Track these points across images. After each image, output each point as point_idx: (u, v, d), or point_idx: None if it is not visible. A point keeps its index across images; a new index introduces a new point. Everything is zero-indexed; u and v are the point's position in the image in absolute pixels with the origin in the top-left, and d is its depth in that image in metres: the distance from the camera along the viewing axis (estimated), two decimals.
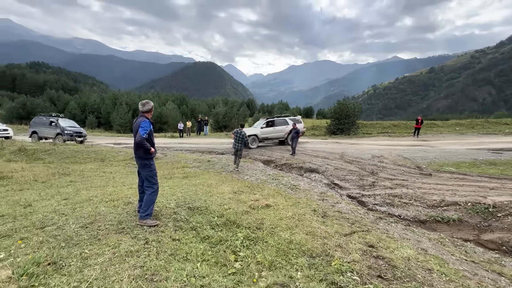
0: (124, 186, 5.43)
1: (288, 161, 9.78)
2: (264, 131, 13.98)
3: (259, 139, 13.89)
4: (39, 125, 16.50)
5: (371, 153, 12.00)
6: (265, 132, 14.04)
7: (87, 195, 4.40)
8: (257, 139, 13.83)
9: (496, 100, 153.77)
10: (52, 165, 9.25)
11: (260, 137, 13.88)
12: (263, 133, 13.92)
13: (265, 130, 14.03)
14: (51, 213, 3.41)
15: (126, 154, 11.00)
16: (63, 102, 40.89)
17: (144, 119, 3.29)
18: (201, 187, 5.49)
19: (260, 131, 13.90)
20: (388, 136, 17.34)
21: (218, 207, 4.12)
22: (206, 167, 8.91)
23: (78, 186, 5.50)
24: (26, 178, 6.19)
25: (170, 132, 27.78)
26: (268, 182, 6.76)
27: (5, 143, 13.10)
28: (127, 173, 7.68)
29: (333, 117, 18.37)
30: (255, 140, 13.78)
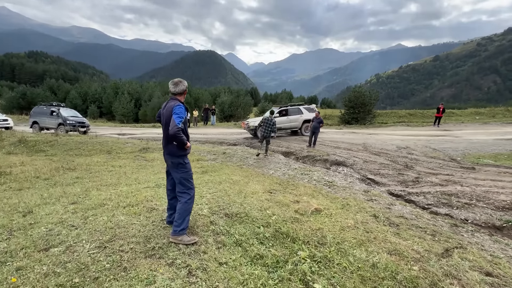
0: (140, 184, 4.69)
1: (310, 153, 9.01)
2: (277, 121, 13.15)
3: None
4: (40, 115, 15.72)
5: (395, 143, 11.20)
6: (278, 121, 13.16)
7: (99, 198, 3.66)
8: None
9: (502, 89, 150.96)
10: (55, 158, 8.53)
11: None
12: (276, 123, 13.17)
13: (278, 120, 13.15)
14: (57, 225, 2.67)
15: (134, 146, 10.26)
16: (64, 92, 39.95)
17: (177, 103, 2.49)
18: (228, 185, 4.74)
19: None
20: (406, 125, 16.46)
21: (259, 212, 3.38)
22: (222, 159, 8.15)
23: (86, 184, 4.77)
24: (26, 174, 5.46)
25: None
26: (298, 178, 6.01)
27: (5, 134, 12.36)
28: (137, 168, 6.95)
29: (348, 105, 17.42)
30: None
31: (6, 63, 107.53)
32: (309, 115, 13.58)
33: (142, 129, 19.47)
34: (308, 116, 13.57)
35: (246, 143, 12.10)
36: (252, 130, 12.82)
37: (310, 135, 10.25)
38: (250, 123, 12.88)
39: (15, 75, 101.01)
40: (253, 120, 13.36)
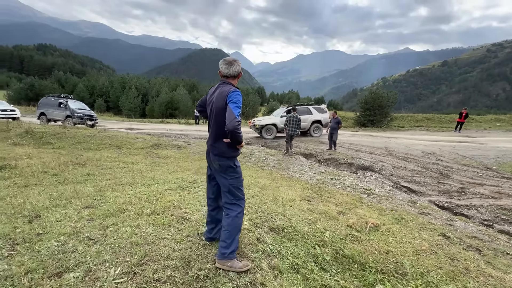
0: (159, 185, 4.16)
1: (332, 156, 8.42)
2: (283, 120, 12.63)
3: (277, 129, 12.46)
4: (48, 107, 15.34)
5: (418, 148, 10.56)
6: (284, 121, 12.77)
7: (117, 201, 3.13)
8: (275, 129, 12.39)
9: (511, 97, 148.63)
10: (63, 151, 8.06)
11: (279, 127, 12.41)
12: (283, 123, 12.58)
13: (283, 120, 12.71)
14: (71, 238, 2.14)
15: (144, 141, 9.76)
16: (71, 84, 39.80)
17: (232, 88, 1.92)
18: (258, 189, 4.19)
19: (280, 120, 12.38)
20: (425, 130, 15.74)
21: (308, 227, 2.83)
22: (241, 160, 7.60)
23: (99, 182, 4.25)
24: (33, 168, 4.97)
25: (181, 118, 26.53)
26: (329, 183, 5.43)
27: (12, 125, 11.97)
28: (151, 165, 6.43)
29: (364, 107, 16.76)
30: (272, 130, 12.36)
31: (15, 55, 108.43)
32: (319, 115, 12.95)
33: (150, 125, 19.03)
34: (317, 116, 12.91)
35: (260, 142, 11.54)
36: (258, 129, 12.40)
37: (329, 137, 9.65)
38: (256, 122, 12.43)
39: (23, 67, 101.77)
40: (260, 119, 12.86)
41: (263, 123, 12.34)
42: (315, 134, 12.96)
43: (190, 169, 5.99)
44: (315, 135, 12.91)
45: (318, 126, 13.01)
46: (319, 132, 13.08)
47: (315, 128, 12.99)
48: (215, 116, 1.95)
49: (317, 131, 13.08)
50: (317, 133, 13.05)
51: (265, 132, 12.24)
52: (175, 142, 9.82)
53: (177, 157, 7.64)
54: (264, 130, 12.24)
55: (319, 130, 13.09)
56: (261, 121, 12.41)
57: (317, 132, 13.07)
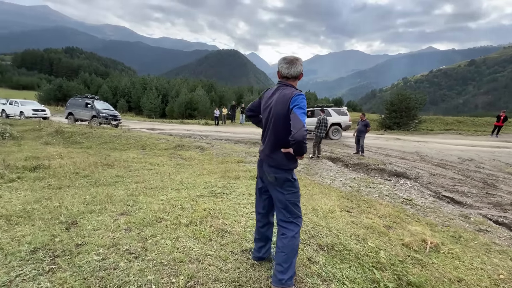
0: (189, 190, 4.02)
1: (361, 161, 7.98)
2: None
3: None
4: (75, 107, 15.94)
5: (453, 154, 9.84)
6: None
7: (150, 207, 3.00)
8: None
9: None
10: (90, 151, 8.23)
11: None
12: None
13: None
14: (110, 251, 2.00)
15: (168, 142, 9.79)
16: (96, 85, 41.49)
17: (296, 91, 1.69)
18: None
19: None
20: (458, 133, 14.76)
21: (358, 244, 2.54)
22: None
23: (129, 185, 4.18)
24: (65, 169, 5.01)
25: (200, 119, 26.77)
26: (364, 191, 5.07)
27: (43, 124, 12.51)
28: (176, 167, 6.36)
29: (389, 109, 15.98)
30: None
31: (46, 58, 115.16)
32: (338, 118, 12.45)
33: (171, 125, 19.30)
34: (337, 119, 12.43)
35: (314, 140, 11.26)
36: None
37: (356, 141, 9.20)
38: None
39: (52, 69, 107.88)
40: None
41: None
42: (334, 137, 12.53)
43: (216, 172, 5.84)
44: (334, 138, 12.49)
45: (337, 129, 12.57)
46: (338, 135, 12.63)
47: (334, 130, 12.56)
48: (274, 123, 1.72)
49: (336, 133, 12.63)
50: (336, 136, 12.61)
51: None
52: (198, 144, 9.77)
53: (201, 159, 7.55)
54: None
55: (338, 132, 12.65)
56: None
57: (336, 135, 12.61)
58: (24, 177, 4.40)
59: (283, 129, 1.65)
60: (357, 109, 62.05)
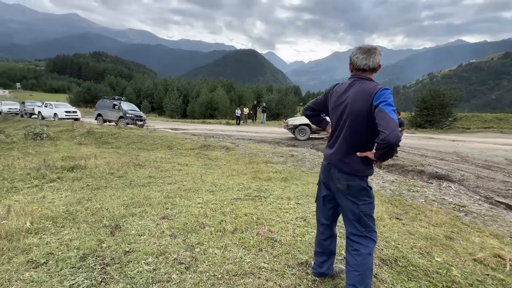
0: (223, 192, 3.89)
1: (396, 162, 7.48)
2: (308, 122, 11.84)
3: (311, 130, 11.79)
4: (104, 108, 16.59)
5: (498, 154, 8.99)
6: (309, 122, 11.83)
7: (190, 211, 2.90)
8: (308, 129, 11.73)
9: None
10: (120, 150, 8.44)
11: (313, 128, 11.72)
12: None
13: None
14: (160, 260, 1.89)
15: (193, 142, 9.83)
16: (121, 87, 43.25)
17: (378, 85, 1.46)
18: None
19: None
20: (499, 132, 13.58)
21: (424, 259, 2.25)
22: (294, 163, 7.13)
23: (163, 186, 4.14)
24: (100, 169, 5.10)
25: (220, 118, 26.95)
26: (407, 195, 4.68)
27: (75, 125, 13.13)
28: (205, 168, 6.30)
29: (420, 106, 15.02)
30: (305, 130, 11.74)
31: (75, 63, 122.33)
32: None
33: (193, 125, 19.57)
34: None
35: (307, 144, 10.93)
36: (292, 130, 11.97)
37: None
38: (290, 122, 11.99)
39: (81, 73, 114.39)
40: (294, 119, 12.39)
41: (296, 123, 11.87)
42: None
43: (246, 173, 5.69)
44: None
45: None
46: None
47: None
48: (350, 123, 1.49)
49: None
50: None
51: (298, 132, 11.79)
52: (222, 143, 9.72)
53: (227, 159, 7.46)
54: (297, 131, 11.79)
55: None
56: (294, 121, 11.98)
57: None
58: (63, 177, 4.51)
59: (363, 129, 1.43)
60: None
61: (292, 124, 11.83)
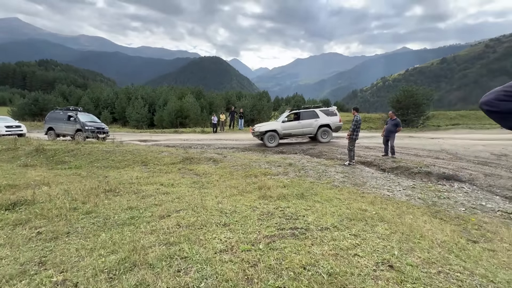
0: (242, 224, 2.89)
1: (399, 164, 7.12)
2: (286, 126, 11.19)
3: (279, 136, 11.13)
4: (56, 121, 14.21)
5: (480, 149, 9.26)
6: (287, 127, 11.18)
7: (216, 271, 1.87)
8: (276, 135, 11.06)
9: None
10: (82, 171, 6.83)
11: (281, 133, 11.10)
12: (284, 128, 11.15)
13: (287, 125, 11.20)
14: None
15: (172, 155, 8.52)
16: (76, 98, 38.93)
17: None
18: (384, 226, 2.91)
19: (281, 126, 11.12)
20: (468, 128, 14.45)
21: None
22: (295, 174, 6.33)
23: (152, 223, 3.00)
24: (57, 202, 3.72)
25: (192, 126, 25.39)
26: (442, 204, 4.14)
27: (19, 142, 10.81)
28: (197, 188, 5.18)
29: (395, 106, 15.47)
30: (274, 137, 11.04)
31: (18, 72, 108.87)
32: (327, 119, 11.39)
33: (164, 135, 17.83)
34: (325, 120, 11.36)
35: (296, 150, 10.25)
36: (259, 136, 11.19)
37: (384, 141, 8.39)
38: (256, 129, 11.19)
39: (26, 83, 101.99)
40: (260, 125, 11.57)
41: (263, 129, 11.06)
42: (323, 139, 11.38)
43: (251, 192, 4.72)
44: (323, 140, 11.39)
45: (327, 130, 11.47)
46: (328, 137, 11.47)
47: (322, 132, 11.41)
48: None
49: (326, 135, 11.47)
50: (326, 138, 11.45)
51: (267, 139, 11.00)
52: (207, 155, 8.57)
53: (219, 174, 6.39)
54: (266, 138, 10.99)
55: (328, 134, 11.49)
56: (260, 128, 11.14)
57: (325, 137, 11.43)
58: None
59: None
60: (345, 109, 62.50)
61: (259, 131, 11.02)
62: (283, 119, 11.29)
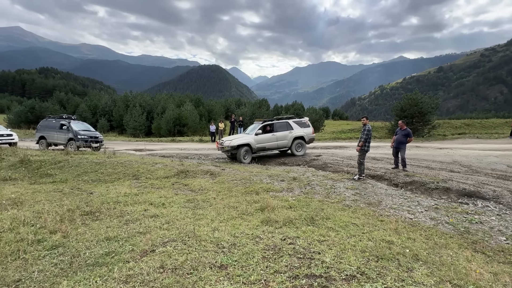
0: (239, 265, 2.30)
1: (413, 178, 6.53)
2: (260, 139, 10.02)
3: (252, 150, 9.99)
4: (48, 129, 13.64)
5: (493, 161, 8.72)
6: (261, 140, 10.04)
7: None
8: (250, 150, 9.92)
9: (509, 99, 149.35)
10: (65, 186, 6.21)
11: (254, 147, 9.96)
12: (258, 142, 10.01)
13: (261, 138, 10.04)
14: None
15: (166, 167, 7.91)
16: (73, 105, 38.41)
17: None
18: (423, 268, 2.31)
19: (255, 139, 9.95)
20: (476, 138, 13.96)
21: None
22: (301, 190, 5.72)
23: (131, 263, 2.39)
24: (20, 231, 3.10)
25: (190, 135, 24.85)
26: (477, 232, 3.54)
27: (6, 152, 10.19)
28: (191, 208, 4.58)
29: (400, 115, 15.00)
30: (247, 152, 9.88)
31: (17, 79, 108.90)
32: (301, 130, 10.57)
33: (161, 144, 17.24)
34: (300, 132, 10.54)
35: (299, 161, 9.66)
36: (228, 152, 9.89)
37: (394, 153, 7.82)
38: (225, 143, 9.83)
39: (25, 90, 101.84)
40: (230, 139, 10.33)
41: (235, 143, 9.71)
42: (298, 153, 10.53)
43: (252, 213, 4.12)
44: (298, 154, 10.49)
45: (301, 143, 10.64)
46: (302, 150, 10.66)
47: (297, 145, 10.56)
48: None
49: (300, 148, 10.63)
50: (300, 151, 10.62)
51: (242, 155, 9.73)
52: (204, 167, 7.96)
53: (216, 190, 5.78)
54: (240, 153, 9.70)
55: (302, 147, 10.69)
56: (231, 142, 9.79)
57: (299, 150, 10.60)
58: None
59: None
60: (344, 117, 62.21)
61: (229, 146, 9.67)
62: (256, 131, 10.09)
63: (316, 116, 28.65)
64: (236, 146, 9.69)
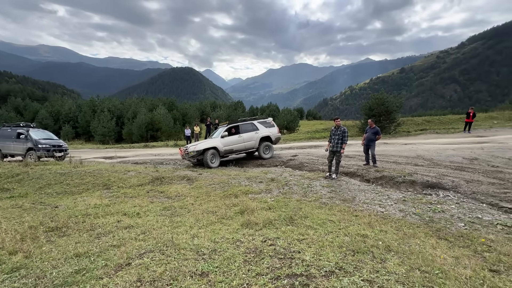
0: (221, 271, 2.27)
1: (382, 173, 6.94)
2: (226, 142, 9.81)
3: (220, 154, 9.74)
4: (3, 139, 12.40)
5: (451, 154, 9.55)
6: (228, 142, 9.84)
7: None
8: (217, 153, 9.67)
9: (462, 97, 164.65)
10: (26, 201, 5.69)
11: (221, 151, 9.71)
12: (225, 144, 9.80)
13: (228, 140, 9.84)
14: None
15: (140, 175, 7.58)
16: (32, 112, 35.27)
17: None
18: (395, 259, 2.47)
19: (221, 142, 9.73)
20: (435, 133, 15.18)
21: None
22: (279, 191, 5.81)
23: (105, 279, 2.26)
24: None
25: (164, 140, 24.06)
26: (439, 220, 3.86)
27: None
28: (167, 215, 4.44)
29: (368, 114, 15.89)
30: (214, 155, 9.59)
31: None
32: (267, 130, 10.54)
33: (133, 150, 16.46)
34: (265, 132, 10.47)
35: (276, 162, 9.80)
36: (194, 157, 9.42)
37: (365, 150, 8.26)
38: (190, 149, 9.38)
39: None
40: (194, 144, 10.01)
41: (201, 147, 9.39)
42: (266, 155, 10.44)
43: (231, 217, 4.10)
44: (265, 156, 10.39)
45: (269, 145, 10.56)
46: (269, 153, 10.57)
47: (264, 147, 10.46)
48: None
49: (268, 151, 10.55)
50: (268, 153, 10.53)
51: (209, 159, 9.38)
52: (181, 173, 7.75)
53: (194, 195, 5.66)
54: (207, 157, 9.34)
55: (270, 150, 10.59)
56: (196, 146, 9.45)
57: (267, 153, 10.52)
58: None
59: None
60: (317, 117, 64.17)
61: (195, 150, 9.29)
62: (222, 134, 9.87)
63: (291, 116, 29.25)
64: (202, 150, 9.33)
